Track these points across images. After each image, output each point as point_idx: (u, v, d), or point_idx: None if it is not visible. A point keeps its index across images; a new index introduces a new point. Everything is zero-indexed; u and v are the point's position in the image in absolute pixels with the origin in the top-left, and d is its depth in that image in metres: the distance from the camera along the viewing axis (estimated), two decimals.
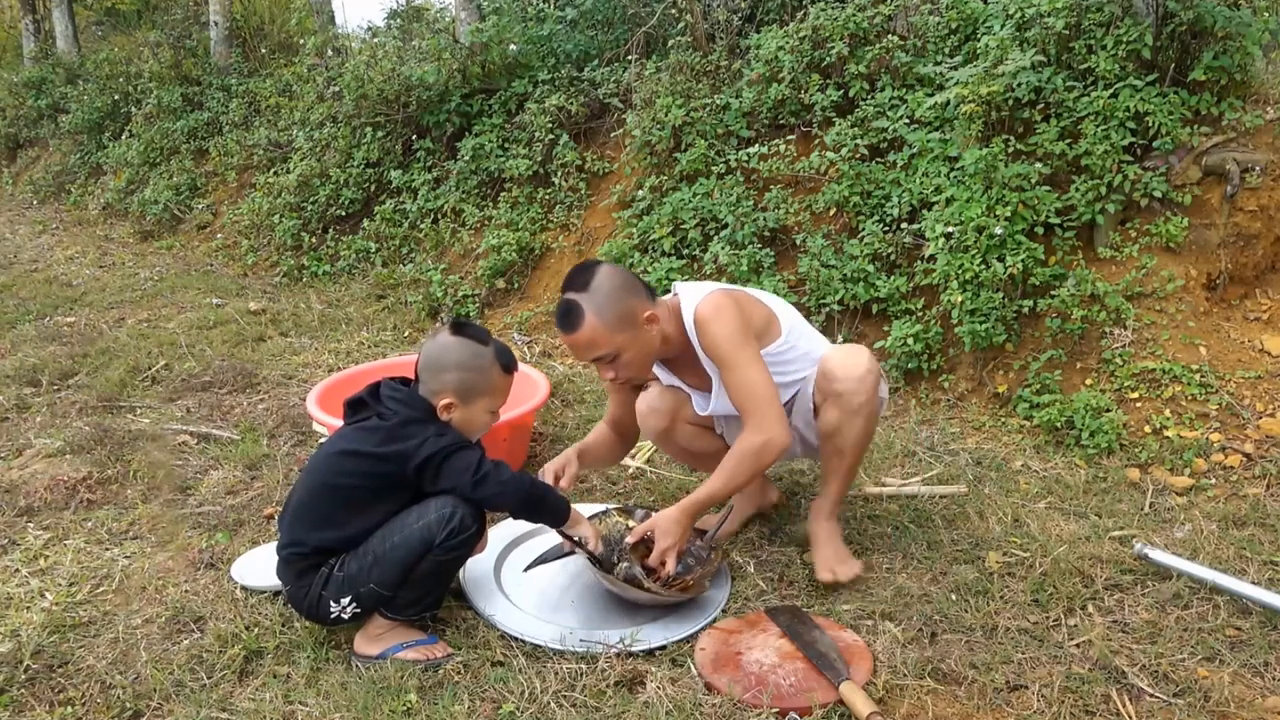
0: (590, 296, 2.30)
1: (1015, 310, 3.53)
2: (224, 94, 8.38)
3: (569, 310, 2.32)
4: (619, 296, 2.32)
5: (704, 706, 1.99)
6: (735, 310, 2.37)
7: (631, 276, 2.41)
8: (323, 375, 4.15)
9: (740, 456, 2.35)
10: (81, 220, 8.39)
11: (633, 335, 2.35)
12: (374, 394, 2.21)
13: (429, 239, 5.64)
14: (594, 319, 2.30)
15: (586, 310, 2.30)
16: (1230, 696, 2.00)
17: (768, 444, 2.32)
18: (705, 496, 2.41)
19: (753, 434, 2.33)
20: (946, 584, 2.45)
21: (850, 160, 4.21)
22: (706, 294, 2.39)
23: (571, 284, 2.35)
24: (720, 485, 2.39)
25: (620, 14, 6.10)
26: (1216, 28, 3.63)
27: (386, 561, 2.12)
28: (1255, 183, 3.61)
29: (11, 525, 2.86)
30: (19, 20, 12.25)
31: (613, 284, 2.33)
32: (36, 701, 2.07)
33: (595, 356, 2.37)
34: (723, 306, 2.36)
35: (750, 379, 2.34)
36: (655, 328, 2.38)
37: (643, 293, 2.39)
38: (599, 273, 2.34)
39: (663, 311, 2.41)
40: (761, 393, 2.33)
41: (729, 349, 2.34)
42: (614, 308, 2.31)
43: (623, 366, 2.40)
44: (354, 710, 1.99)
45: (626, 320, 2.33)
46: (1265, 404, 3.21)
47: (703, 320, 2.36)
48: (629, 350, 2.37)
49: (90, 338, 4.83)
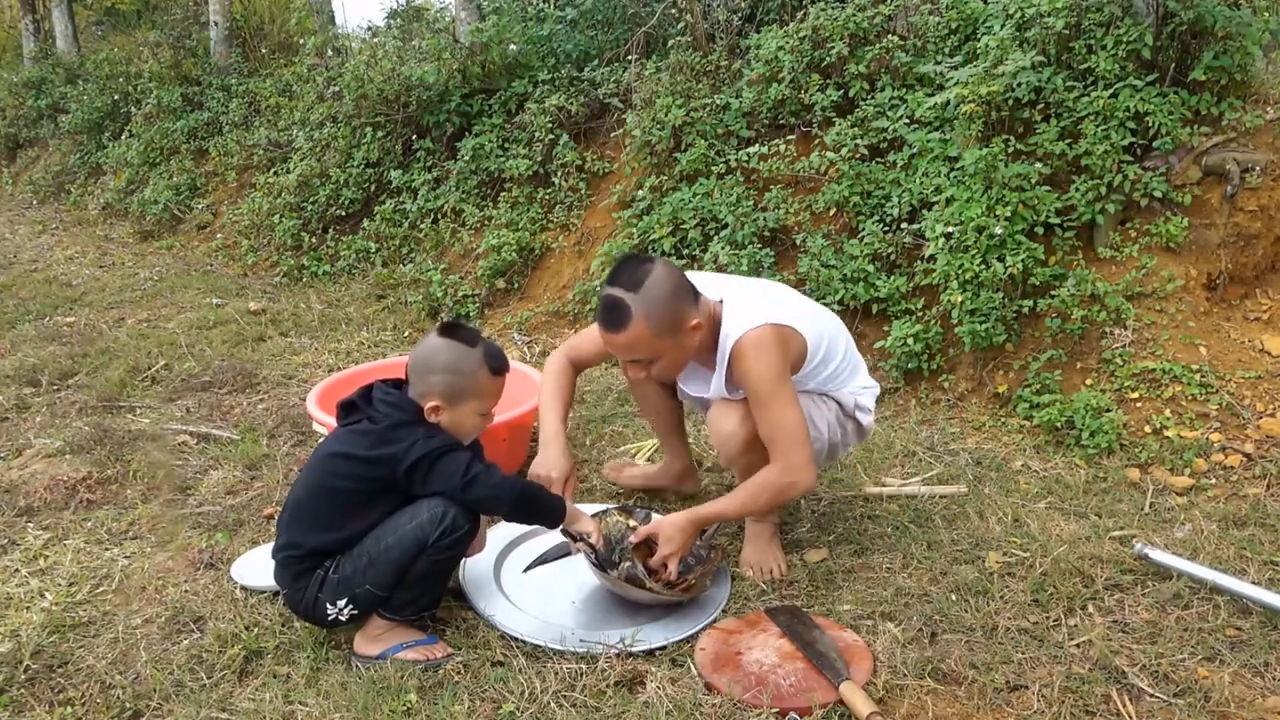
0: (641, 298, 2.20)
1: (1015, 310, 3.53)
2: (224, 94, 8.37)
3: (617, 309, 2.21)
4: (671, 302, 2.23)
5: (704, 706, 1.99)
6: (778, 351, 2.29)
7: (683, 278, 2.30)
8: (323, 375, 4.15)
9: (763, 487, 2.34)
10: (81, 220, 8.39)
11: (675, 342, 2.28)
12: (366, 397, 2.20)
13: (429, 239, 5.64)
14: (642, 323, 2.21)
15: (635, 312, 2.20)
16: (1230, 696, 2.00)
17: (794, 484, 2.33)
18: (715, 513, 2.41)
19: (780, 474, 2.31)
20: (946, 584, 2.45)
21: (850, 160, 4.21)
22: (755, 326, 2.29)
23: (620, 279, 2.22)
24: (735, 507, 2.39)
25: (620, 14, 6.10)
26: (1216, 28, 3.63)
27: (381, 563, 2.11)
28: (1255, 183, 3.61)
29: (11, 525, 2.86)
30: (19, 20, 12.25)
31: (665, 288, 2.22)
32: (36, 701, 2.07)
33: (633, 358, 2.31)
34: (766, 346, 2.27)
35: (784, 419, 2.29)
36: (698, 336, 2.31)
37: (691, 297, 2.29)
38: (653, 272, 2.22)
39: (704, 316, 2.32)
40: (794, 433, 2.29)
41: (766, 388, 2.29)
42: (664, 313, 2.22)
43: (657, 370, 2.35)
44: (354, 710, 1.99)
45: (674, 327, 2.25)
46: (1265, 404, 3.21)
47: (742, 353, 2.29)
48: (668, 355, 2.31)
49: (90, 338, 4.83)
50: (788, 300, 2.49)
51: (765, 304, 2.37)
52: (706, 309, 2.33)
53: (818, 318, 2.48)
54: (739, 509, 2.40)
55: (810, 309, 2.51)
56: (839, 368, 2.50)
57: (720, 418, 2.42)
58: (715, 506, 2.41)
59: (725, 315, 2.35)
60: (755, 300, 2.39)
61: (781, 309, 2.37)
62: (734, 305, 2.36)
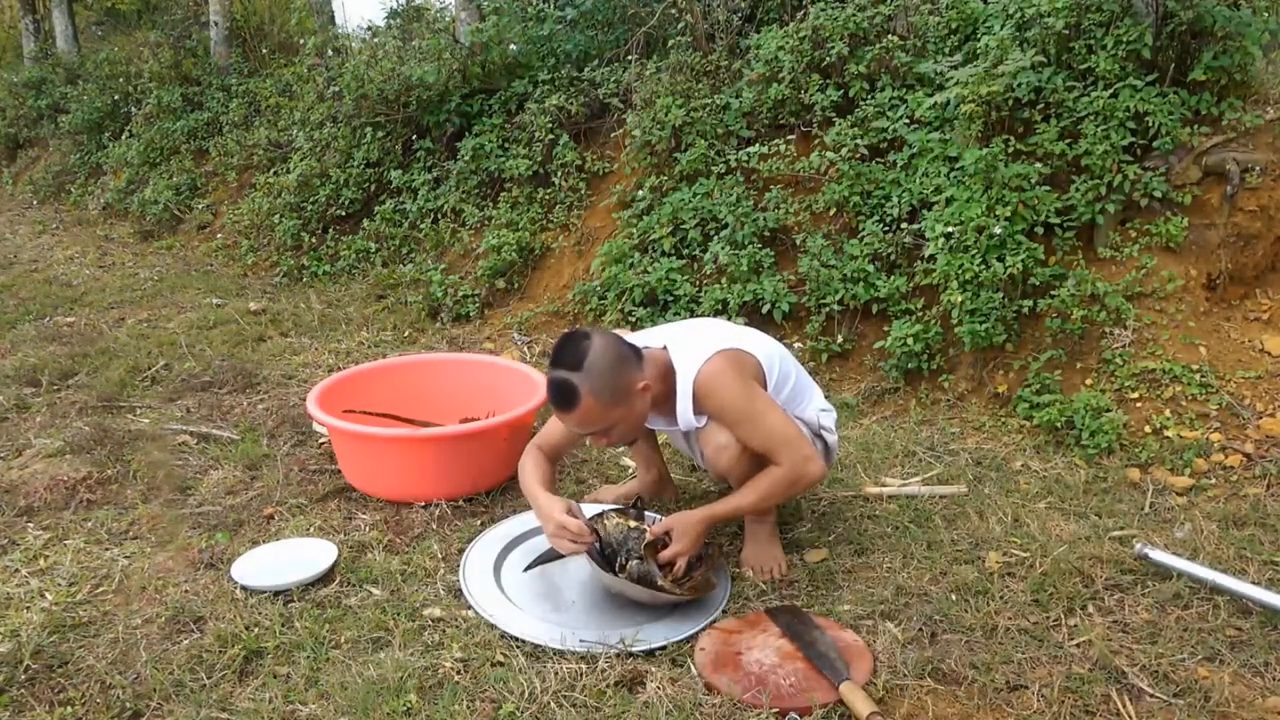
0: (585, 375, 2.24)
1: (1015, 310, 3.52)
2: (224, 94, 8.37)
3: (564, 390, 2.26)
4: (614, 373, 2.28)
5: (704, 707, 1.99)
6: (736, 372, 2.36)
7: (623, 345, 2.35)
8: (323, 375, 4.14)
9: (777, 481, 2.36)
10: (81, 220, 8.38)
11: (627, 408, 2.33)
12: None
13: (429, 239, 5.64)
14: (590, 399, 2.25)
15: (582, 390, 2.24)
16: (1230, 696, 2.00)
17: (806, 475, 2.37)
18: (730, 510, 2.42)
19: (790, 470, 2.35)
20: (946, 584, 2.45)
21: (850, 160, 4.21)
22: (706, 359, 2.35)
23: (563, 360, 2.27)
24: (750, 502, 2.40)
25: (620, 14, 6.10)
26: (1216, 27, 3.63)
27: None
28: (1255, 183, 3.61)
29: (11, 525, 2.86)
30: (19, 20, 12.24)
31: (607, 359, 2.27)
32: (36, 701, 2.07)
33: (589, 431, 2.36)
34: (723, 373, 2.35)
35: (771, 426, 2.35)
36: (648, 395, 2.36)
37: (634, 362, 2.34)
38: (592, 348, 2.26)
39: (651, 371, 2.36)
40: (787, 434, 2.35)
41: (741, 406, 2.34)
42: (609, 385, 2.27)
43: (616, 435, 2.41)
44: (354, 710, 1.99)
45: (622, 395, 2.30)
46: (1265, 404, 3.21)
47: (706, 391, 2.35)
48: (624, 422, 2.35)
49: (90, 338, 4.83)
50: (727, 329, 2.58)
51: (708, 337, 2.45)
52: (654, 359, 2.40)
53: (761, 340, 2.54)
54: (754, 504, 2.41)
55: (751, 333, 2.57)
56: (796, 387, 2.55)
57: (712, 432, 2.42)
58: (730, 503, 2.41)
59: (674, 358, 2.41)
60: (697, 337, 2.46)
61: (724, 337, 2.46)
62: (679, 347, 2.43)
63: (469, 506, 2.93)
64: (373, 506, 2.95)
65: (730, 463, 2.41)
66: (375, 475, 2.98)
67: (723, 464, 2.42)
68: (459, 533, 2.77)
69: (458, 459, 2.94)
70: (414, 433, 2.99)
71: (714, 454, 2.42)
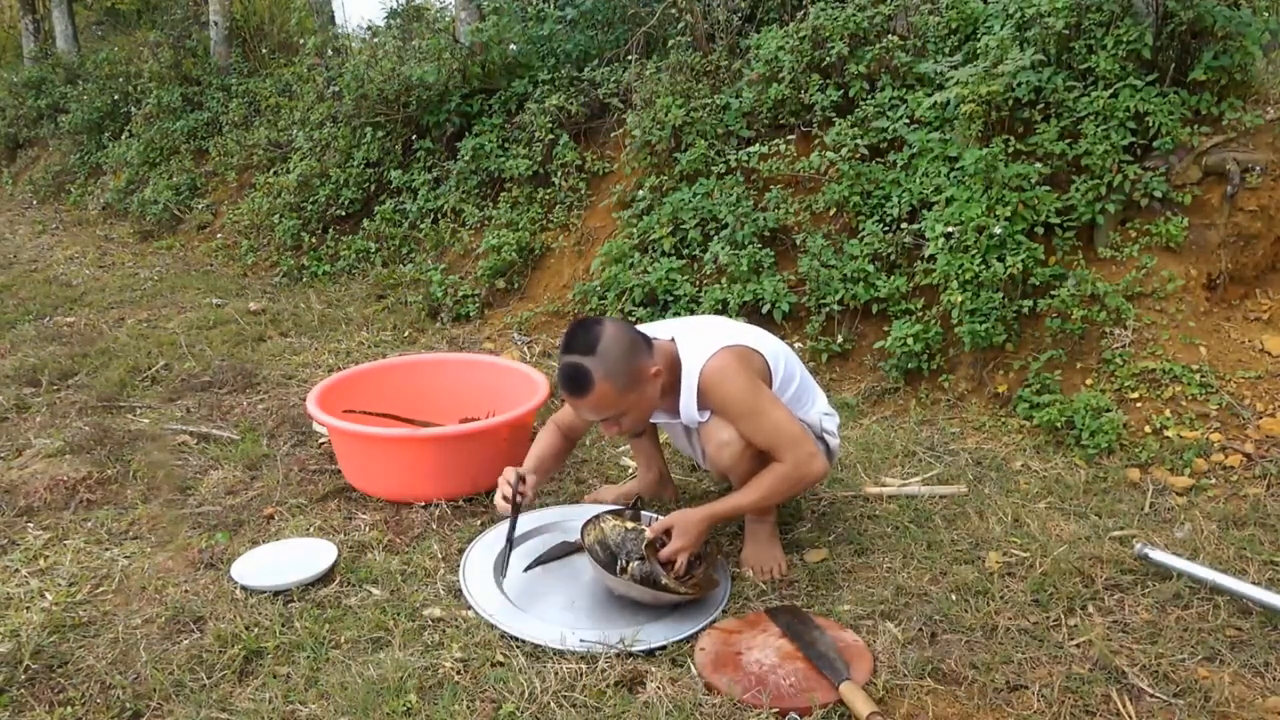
0: (599, 360, 2.25)
1: (1015, 310, 3.52)
2: (224, 94, 8.36)
3: (578, 375, 2.26)
4: (628, 357, 2.28)
5: (704, 707, 1.99)
6: (742, 367, 2.36)
7: (635, 333, 2.36)
8: (323, 375, 4.14)
9: (778, 478, 2.36)
10: (81, 220, 8.38)
11: (640, 394, 2.33)
12: None
13: (429, 239, 5.64)
14: (605, 384, 2.26)
15: (596, 374, 2.25)
16: (1230, 696, 2.00)
17: (809, 472, 2.38)
18: (732, 508, 2.42)
19: (793, 468, 2.35)
20: (946, 584, 2.45)
21: (850, 160, 4.21)
22: (712, 354, 2.36)
23: (575, 346, 2.28)
24: (751, 500, 2.40)
25: (620, 14, 6.10)
26: (1216, 27, 3.63)
27: None
28: (1255, 183, 3.61)
29: (11, 525, 2.86)
30: (19, 20, 12.23)
31: (621, 345, 2.28)
32: (36, 701, 2.07)
33: (602, 417, 2.36)
34: (730, 367, 2.35)
35: (775, 422, 2.35)
36: (659, 381, 2.36)
37: (645, 348, 2.35)
38: (605, 333, 2.28)
39: (660, 360, 2.37)
40: (790, 431, 2.36)
41: (746, 400, 2.34)
42: (623, 369, 2.27)
43: (627, 421, 2.40)
44: (354, 710, 1.99)
45: (636, 380, 2.30)
46: (1265, 404, 3.21)
47: (711, 385, 2.35)
48: (635, 408, 2.35)
49: (90, 338, 4.83)
50: (734, 327, 2.58)
51: (715, 333, 2.46)
52: (662, 350, 2.40)
53: (767, 338, 2.55)
54: (756, 501, 2.40)
55: (758, 332, 2.57)
56: (800, 388, 2.55)
57: (714, 429, 2.42)
58: (732, 501, 2.41)
59: (681, 350, 2.42)
60: (705, 332, 2.47)
61: (731, 334, 2.46)
62: (687, 340, 2.43)
63: (469, 506, 2.93)
64: (373, 506, 2.95)
65: (732, 460, 2.41)
66: (375, 475, 2.98)
67: (724, 461, 2.42)
68: (459, 533, 2.77)
69: (458, 459, 2.94)
70: (414, 433, 2.99)
71: (716, 451, 2.42)
